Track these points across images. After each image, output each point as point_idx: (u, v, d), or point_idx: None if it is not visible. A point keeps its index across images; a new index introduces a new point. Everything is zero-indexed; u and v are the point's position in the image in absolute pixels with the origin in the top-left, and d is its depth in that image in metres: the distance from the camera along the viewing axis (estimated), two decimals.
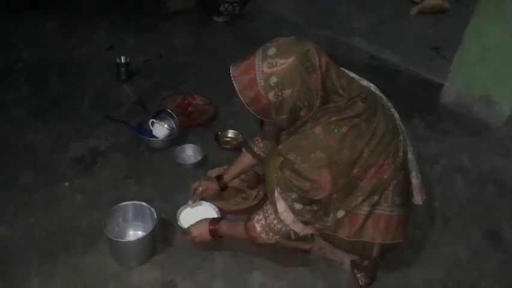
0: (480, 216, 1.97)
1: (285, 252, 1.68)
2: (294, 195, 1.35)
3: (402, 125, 1.47)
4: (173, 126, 2.16)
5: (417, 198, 1.52)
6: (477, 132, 2.51)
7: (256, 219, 1.45)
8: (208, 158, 2.09)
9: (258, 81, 1.24)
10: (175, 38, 3.16)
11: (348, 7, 3.92)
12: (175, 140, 2.13)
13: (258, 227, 1.44)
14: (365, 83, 1.46)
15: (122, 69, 2.57)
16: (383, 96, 1.48)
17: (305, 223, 1.41)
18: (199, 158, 2.05)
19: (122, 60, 2.57)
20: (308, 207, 1.37)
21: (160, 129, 2.12)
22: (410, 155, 1.48)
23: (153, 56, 2.91)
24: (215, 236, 1.60)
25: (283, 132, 1.40)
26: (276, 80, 1.22)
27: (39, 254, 1.62)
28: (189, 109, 2.39)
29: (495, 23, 2.34)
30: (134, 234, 1.67)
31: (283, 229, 1.41)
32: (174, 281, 1.57)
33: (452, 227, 1.91)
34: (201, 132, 2.26)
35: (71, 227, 1.73)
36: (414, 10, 3.94)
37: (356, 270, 1.60)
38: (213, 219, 1.64)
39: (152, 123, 2.14)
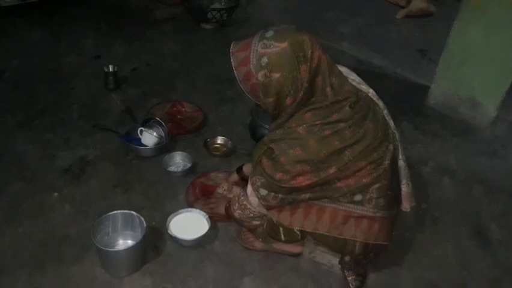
0: (468, 216, 2.00)
1: (276, 257, 1.69)
2: (262, 180, 1.42)
3: (396, 133, 1.47)
4: (162, 134, 2.15)
5: (406, 206, 1.54)
6: (464, 133, 2.54)
7: (236, 192, 1.62)
8: (197, 165, 2.09)
9: (251, 59, 1.30)
10: (163, 45, 3.16)
11: (335, 12, 3.95)
12: (164, 147, 2.13)
13: (236, 205, 1.58)
14: (364, 87, 1.48)
15: (110, 77, 2.56)
16: (380, 103, 1.49)
17: (269, 208, 1.49)
18: (189, 166, 2.05)
19: (110, 69, 2.56)
20: (273, 193, 1.42)
21: (149, 137, 2.11)
22: (401, 163, 1.49)
23: (141, 64, 2.91)
24: (227, 213, 1.69)
25: (272, 124, 1.46)
26: (267, 61, 1.27)
27: (28, 265, 1.61)
28: (178, 117, 2.40)
29: (478, 25, 2.38)
30: (124, 243, 1.66)
31: (252, 209, 1.54)
32: None
33: (440, 227, 1.93)
34: (190, 139, 2.27)
35: (60, 237, 1.72)
36: (400, 14, 3.98)
37: (346, 273, 1.61)
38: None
39: (141, 131, 2.13)
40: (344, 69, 1.46)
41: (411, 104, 2.75)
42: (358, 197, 1.40)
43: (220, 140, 2.25)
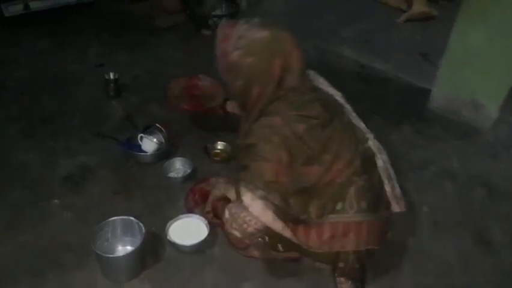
0: (470, 219, 1.98)
1: (275, 262, 1.68)
2: (257, 183, 1.32)
3: (368, 134, 1.50)
4: (162, 140, 2.17)
5: (395, 206, 1.51)
6: (466, 136, 2.52)
7: (227, 206, 1.42)
8: (197, 171, 2.09)
9: (232, 37, 1.37)
10: (165, 53, 3.18)
11: (336, 16, 3.95)
12: (164, 153, 2.14)
13: (226, 214, 1.40)
14: (331, 90, 1.54)
15: (111, 85, 2.58)
16: (348, 106, 1.55)
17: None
18: (189, 171, 2.06)
19: (111, 77, 2.58)
20: (271, 195, 1.32)
21: (149, 144, 2.13)
22: (380, 163, 1.49)
23: (143, 72, 2.92)
24: (216, 216, 1.69)
25: (242, 125, 1.49)
26: (244, 43, 1.35)
27: (29, 272, 1.62)
28: (195, 93, 2.19)
29: (478, 27, 2.37)
30: (123, 249, 1.67)
31: (247, 220, 1.33)
32: None
33: (442, 231, 1.91)
34: (190, 145, 2.26)
35: (61, 244, 1.73)
36: (402, 18, 3.97)
37: (339, 284, 1.59)
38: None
39: (141, 137, 2.14)
40: (312, 73, 1.54)
41: (414, 108, 2.73)
42: (339, 206, 1.39)
43: (220, 145, 2.25)
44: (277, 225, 1.36)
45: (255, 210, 1.32)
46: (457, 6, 2.49)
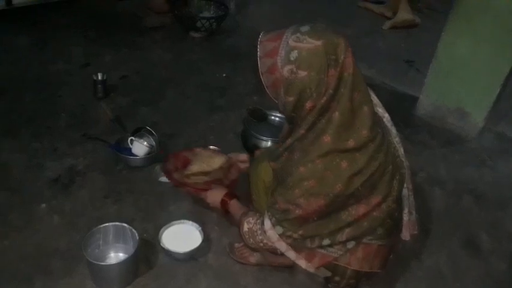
0: (459, 226, 2.01)
1: (270, 269, 1.67)
2: (277, 216, 1.34)
3: (405, 161, 1.42)
4: (153, 143, 2.12)
5: (406, 234, 1.50)
6: (452, 143, 2.57)
7: (247, 219, 1.46)
8: None
9: (280, 51, 1.21)
10: (152, 53, 3.14)
11: (322, 22, 3.96)
12: (155, 157, 2.10)
13: (245, 227, 1.45)
14: (380, 110, 1.43)
15: (99, 86, 2.52)
16: (393, 130, 1.43)
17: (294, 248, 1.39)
18: None
19: (99, 77, 2.52)
20: (289, 232, 1.34)
21: (139, 147, 2.08)
22: (405, 192, 1.44)
23: (131, 72, 2.87)
24: (224, 208, 1.64)
25: (289, 139, 1.33)
26: (297, 56, 1.19)
27: (15, 279, 1.56)
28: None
29: (465, 37, 2.42)
30: (116, 256, 1.63)
31: (264, 242, 1.41)
32: None
33: (432, 238, 1.93)
34: (181, 148, 2.22)
35: (48, 250, 1.67)
36: (387, 25, 4.03)
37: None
38: (231, 193, 1.66)
39: (131, 141, 2.10)
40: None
41: (400, 115, 2.75)
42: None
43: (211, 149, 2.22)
44: (291, 254, 1.40)
45: (271, 237, 1.38)
46: (439, 15, 2.53)
